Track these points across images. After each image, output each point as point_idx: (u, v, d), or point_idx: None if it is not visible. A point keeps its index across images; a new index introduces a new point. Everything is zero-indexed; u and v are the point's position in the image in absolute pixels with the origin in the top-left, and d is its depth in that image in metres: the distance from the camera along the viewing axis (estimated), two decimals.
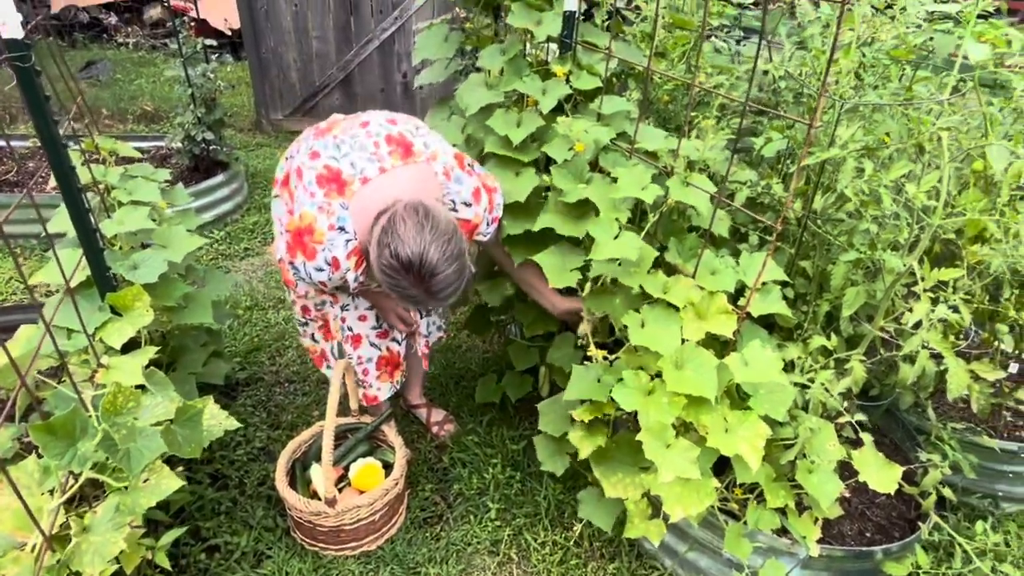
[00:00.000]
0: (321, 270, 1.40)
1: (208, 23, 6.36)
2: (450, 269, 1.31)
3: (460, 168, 1.52)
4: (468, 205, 1.54)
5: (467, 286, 1.39)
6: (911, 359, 1.45)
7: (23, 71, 1.22)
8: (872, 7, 1.60)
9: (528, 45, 1.94)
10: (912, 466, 1.70)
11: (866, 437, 1.41)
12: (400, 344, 1.84)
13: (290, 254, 1.42)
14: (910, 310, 1.47)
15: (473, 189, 1.53)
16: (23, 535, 1.08)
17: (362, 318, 1.74)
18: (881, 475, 1.41)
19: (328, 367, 1.88)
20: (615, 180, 1.50)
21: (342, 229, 1.38)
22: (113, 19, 6.92)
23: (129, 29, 6.91)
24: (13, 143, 3.63)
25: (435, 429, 2.10)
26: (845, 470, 1.61)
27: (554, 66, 1.75)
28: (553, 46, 1.92)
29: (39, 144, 1.32)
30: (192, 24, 3.89)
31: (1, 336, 1.60)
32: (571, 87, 1.73)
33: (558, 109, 1.77)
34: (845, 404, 1.45)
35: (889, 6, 1.63)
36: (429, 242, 1.28)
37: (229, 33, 6.54)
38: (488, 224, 1.60)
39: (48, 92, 1.32)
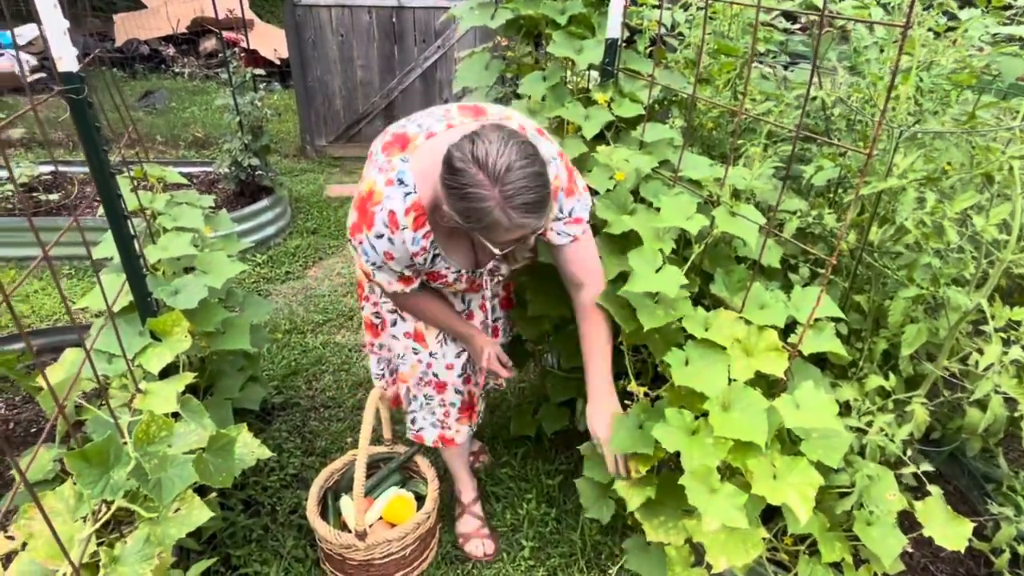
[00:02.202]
0: (381, 236, 1.26)
1: (258, 53, 6.61)
2: (529, 169, 1.12)
3: (540, 135, 1.36)
4: (546, 162, 1.28)
5: (548, 201, 1.18)
6: (981, 404, 1.35)
7: (76, 102, 1.25)
8: (931, 30, 1.53)
9: (569, 72, 1.93)
10: (981, 518, 1.57)
11: (934, 490, 1.30)
12: (477, 387, 1.73)
13: (354, 233, 1.29)
14: (978, 350, 1.37)
15: (555, 151, 1.35)
16: (55, 564, 1.08)
17: (449, 367, 1.62)
18: (949, 530, 1.30)
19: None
20: (659, 210, 1.45)
21: (400, 182, 1.25)
22: (171, 50, 7.27)
23: (185, 60, 7.24)
24: (74, 169, 3.80)
25: (469, 459, 2.04)
26: (905, 519, 1.50)
27: (596, 93, 1.72)
28: (594, 73, 1.90)
29: None
30: (243, 54, 4.05)
31: (51, 356, 1.64)
32: (613, 114, 1.70)
33: (599, 137, 1.74)
34: (909, 453, 1.34)
35: (950, 29, 1.56)
36: (506, 139, 1.13)
37: (278, 63, 6.78)
38: (563, 211, 1.38)
39: (104, 121, 1.36)
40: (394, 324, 1.61)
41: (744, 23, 2.00)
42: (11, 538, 1.16)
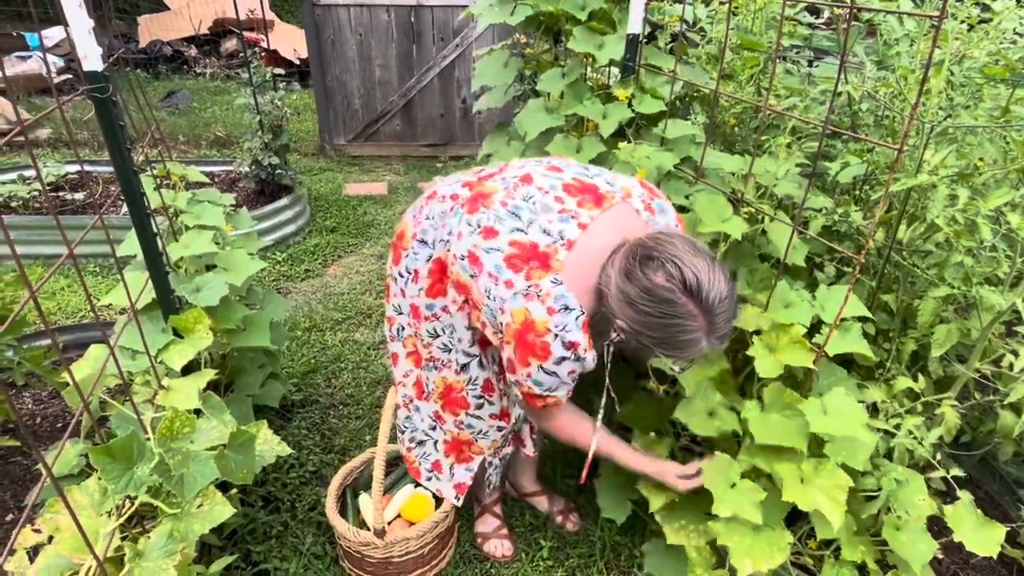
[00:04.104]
0: (563, 360, 1.16)
1: (279, 53, 6.68)
2: (733, 295, 1.07)
3: (656, 196, 1.29)
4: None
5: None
6: (1014, 407, 1.31)
7: (101, 101, 1.27)
8: (963, 22, 1.49)
9: (589, 69, 1.91)
10: (1014, 524, 1.53)
11: (964, 495, 1.27)
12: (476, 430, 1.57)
13: (525, 366, 1.18)
14: (1012, 352, 1.33)
15: (675, 217, 1.31)
16: (80, 557, 1.09)
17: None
18: (980, 535, 1.27)
19: (429, 479, 1.64)
20: (679, 209, 1.43)
21: (567, 308, 1.13)
22: (193, 51, 7.36)
23: (207, 60, 7.33)
24: (99, 168, 3.86)
25: (559, 519, 1.84)
26: (934, 524, 1.46)
27: (616, 90, 1.71)
28: (615, 70, 1.88)
29: None
30: (263, 54, 4.11)
31: (76, 352, 1.66)
32: (633, 111, 1.68)
33: (619, 134, 1.72)
34: (938, 456, 1.31)
35: (983, 21, 1.51)
36: (709, 261, 1.04)
37: (298, 62, 6.84)
38: None
39: (129, 121, 1.37)
40: (479, 407, 1.48)
41: (768, 18, 1.97)
42: (38, 531, 1.17)
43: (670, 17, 1.97)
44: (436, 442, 1.59)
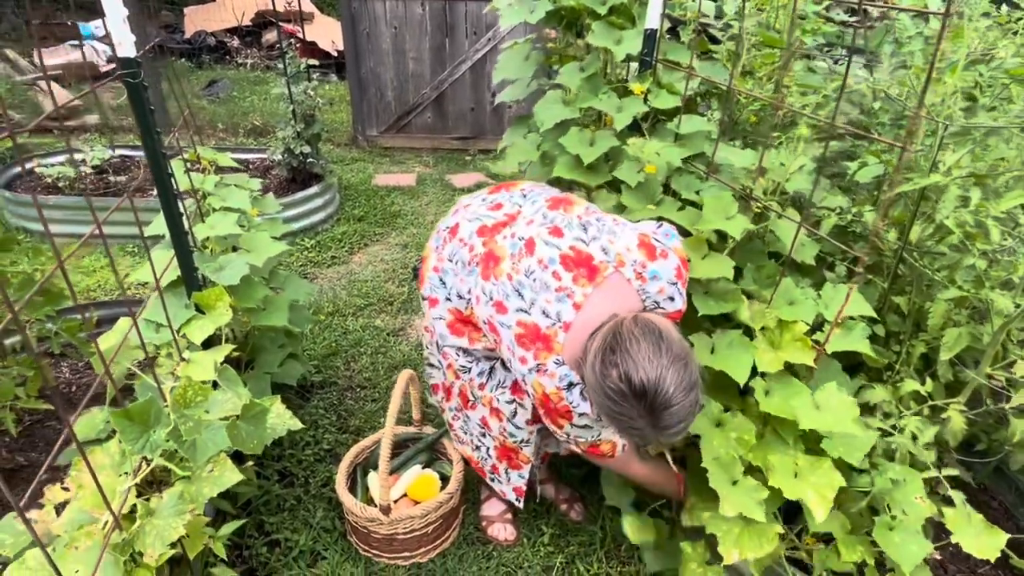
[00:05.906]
0: (585, 414, 1.29)
1: (317, 45, 6.81)
2: (686, 401, 1.12)
3: (652, 258, 1.29)
4: (672, 299, 1.31)
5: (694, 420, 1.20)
6: None
7: (133, 86, 1.34)
8: (988, 15, 1.46)
9: (609, 64, 1.93)
10: None
11: (956, 495, 1.25)
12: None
13: (559, 427, 1.34)
14: None
15: (674, 272, 1.31)
16: (98, 512, 1.17)
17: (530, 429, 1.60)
18: (981, 540, 1.25)
19: (492, 480, 1.72)
20: (687, 204, 1.44)
21: (571, 384, 1.25)
22: (236, 42, 7.57)
23: (249, 51, 7.52)
24: (141, 153, 4.02)
25: (563, 507, 1.88)
26: (941, 531, 1.45)
27: (632, 84, 1.72)
28: (634, 65, 1.89)
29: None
30: (299, 45, 4.24)
31: (110, 326, 1.76)
32: (649, 106, 1.69)
33: (635, 128, 1.73)
34: (944, 459, 1.30)
35: (1014, 20, 1.48)
36: (666, 366, 1.10)
37: (336, 54, 6.97)
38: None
39: (169, 107, 1.44)
40: (514, 415, 1.53)
41: (793, 14, 1.94)
42: (66, 489, 1.26)
43: (692, 12, 1.97)
44: (488, 448, 1.66)
